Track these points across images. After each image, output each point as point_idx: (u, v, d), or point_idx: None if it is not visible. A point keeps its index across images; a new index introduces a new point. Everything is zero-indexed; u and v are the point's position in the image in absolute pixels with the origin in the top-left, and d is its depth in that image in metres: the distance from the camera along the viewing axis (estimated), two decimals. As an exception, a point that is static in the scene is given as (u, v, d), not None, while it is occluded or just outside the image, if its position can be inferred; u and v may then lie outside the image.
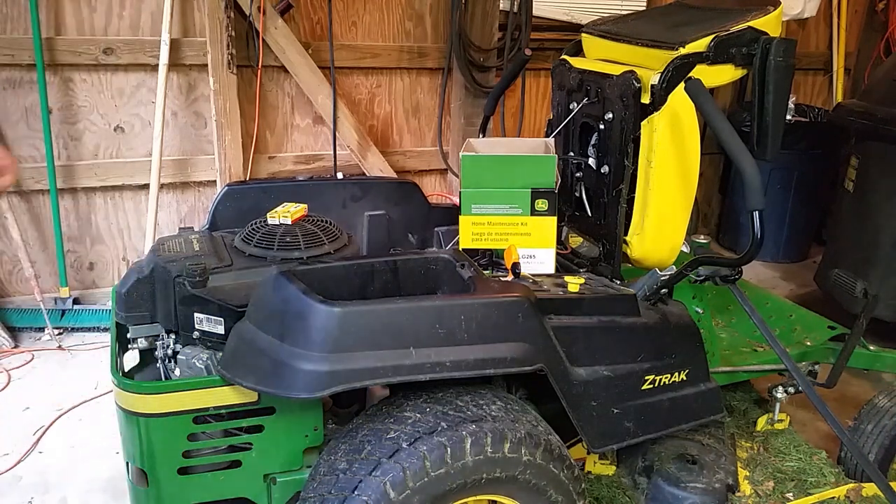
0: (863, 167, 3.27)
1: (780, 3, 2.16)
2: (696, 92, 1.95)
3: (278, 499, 1.73)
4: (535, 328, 1.66)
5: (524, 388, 1.95)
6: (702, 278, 1.99)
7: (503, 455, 1.56)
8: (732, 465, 2.15)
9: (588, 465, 2.26)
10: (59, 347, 3.17)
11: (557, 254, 2.16)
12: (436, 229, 2.46)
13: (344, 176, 3.47)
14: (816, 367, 2.46)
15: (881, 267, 3.15)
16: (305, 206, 2.16)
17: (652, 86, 2.00)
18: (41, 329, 3.26)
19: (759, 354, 2.53)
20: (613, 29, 2.32)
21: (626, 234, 2.16)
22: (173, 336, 1.87)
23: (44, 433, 2.60)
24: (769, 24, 2.09)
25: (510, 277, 1.90)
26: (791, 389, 2.44)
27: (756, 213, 1.77)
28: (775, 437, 2.54)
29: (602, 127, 2.17)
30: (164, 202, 3.48)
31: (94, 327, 3.30)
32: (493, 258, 2.16)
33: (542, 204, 2.06)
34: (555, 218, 2.08)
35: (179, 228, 2.24)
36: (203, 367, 1.75)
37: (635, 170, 2.09)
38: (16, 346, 3.15)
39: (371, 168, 3.67)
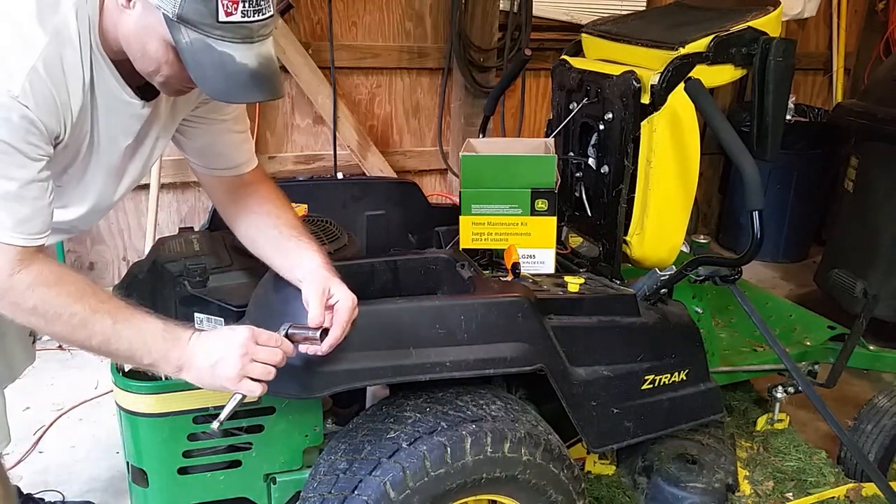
0: (863, 167, 3.27)
1: (780, 3, 2.16)
2: (696, 92, 1.96)
3: (278, 499, 1.73)
4: (535, 328, 1.66)
5: (524, 388, 1.95)
6: (701, 278, 1.99)
7: (503, 455, 1.56)
8: (732, 464, 2.15)
9: (588, 465, 2.26)
10: (60, 347, 3.15)
11: (557, 254, 2.16)
12: (436, 229, 2.45)
13: (344, 176, 3.47)
14: (816, 367, 2.46)
15: (881, 267, 3.15)
16: (305, 206, 2.16)
17: (652, 86, 2.00)
18: (41, 329, 3.25)
19: (759, 354, 2.53)
20: (613, 29, 2.32)
21: (625, 234, 2.16)
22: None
23: (44, 433, 2.60)
24: (769, 24, 2.09)
25: (510, 277, 1.90)
26: (791, 389, 2.44)
27: (756, 213, 1.77)
28: (775, 436, 2.54)
29: (602, 127, 2.17)
30: (164, 202, 3.47)
31: (94, 327, 3.29)
32: (493, 258, 2.16)
33: (542, 204, 2.06)
34: (555, 218, 2.08)
35: (179, 228, 2.23)
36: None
37: (635, 170, 2.09)
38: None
39: (371, 168, 3.67)
